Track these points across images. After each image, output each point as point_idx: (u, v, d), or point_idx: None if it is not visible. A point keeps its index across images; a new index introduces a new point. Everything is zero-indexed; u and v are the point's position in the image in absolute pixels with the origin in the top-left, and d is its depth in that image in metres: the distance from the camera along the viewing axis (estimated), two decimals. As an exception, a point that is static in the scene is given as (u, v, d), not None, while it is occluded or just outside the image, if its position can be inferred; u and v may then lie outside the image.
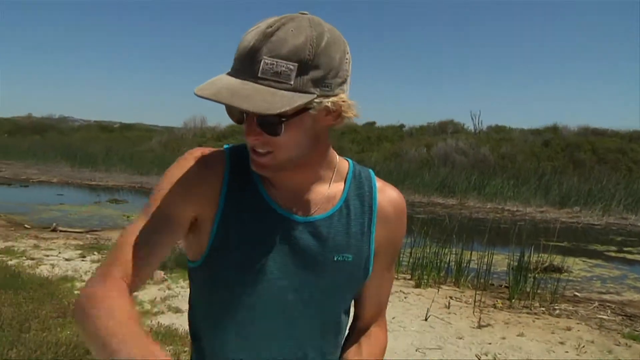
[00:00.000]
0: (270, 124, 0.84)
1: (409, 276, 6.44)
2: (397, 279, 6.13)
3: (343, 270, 0.97)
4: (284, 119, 0.83)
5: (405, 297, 5.58)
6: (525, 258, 6.10)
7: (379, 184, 1.03)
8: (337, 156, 1.01)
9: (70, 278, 5.65)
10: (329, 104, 0.85)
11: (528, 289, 5.79)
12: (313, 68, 0.82)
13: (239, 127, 0.91)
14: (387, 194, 1.03)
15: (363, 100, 0.90)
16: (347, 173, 1.01)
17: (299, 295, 0.95)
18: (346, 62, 0.87)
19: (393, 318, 4.77)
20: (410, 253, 6.66)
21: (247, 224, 0.93)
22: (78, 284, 5.43)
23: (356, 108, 0.90)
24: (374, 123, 29.87)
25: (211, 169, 0.94)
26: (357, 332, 1.09)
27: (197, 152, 0.96)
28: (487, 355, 4.08)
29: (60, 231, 8.81)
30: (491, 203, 15.28)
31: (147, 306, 4.86)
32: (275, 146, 0.87)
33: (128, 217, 10.69)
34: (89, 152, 24.37)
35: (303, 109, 0.84)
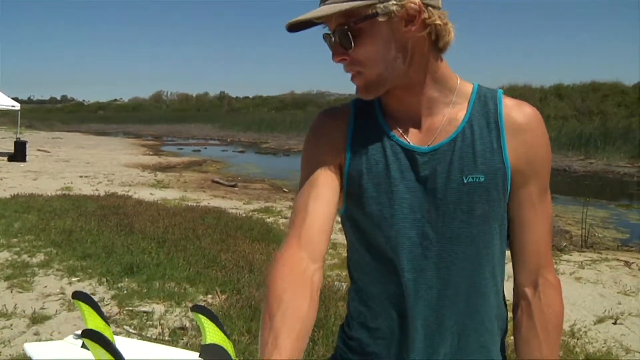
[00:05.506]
0: (344, 36, 0.88)
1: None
2: None
3: (477, 192, 0.91)
4: (345, 27, 0.87)
5: None
6: None
7: (507, 100, 0.95)
8: (459, 79, 0.97)
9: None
10: (394, 8, 0.84)
11: None
12: None
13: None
14: (515, 108, 0.94)
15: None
16: (471, 95, 0.96)
17: (438, 228, 0.92)
18: None
19: None
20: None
21: (373, 161, 0.94)
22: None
23: (447, 18, 0.89)
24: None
25: (337, 118, 1.00)
26: (520, 294, 0.98)
27: (325, 111, 1.03)
28: None
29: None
30: None
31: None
32: (360, 63, 0.90)
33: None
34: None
35: (368, 16, 0.85)
